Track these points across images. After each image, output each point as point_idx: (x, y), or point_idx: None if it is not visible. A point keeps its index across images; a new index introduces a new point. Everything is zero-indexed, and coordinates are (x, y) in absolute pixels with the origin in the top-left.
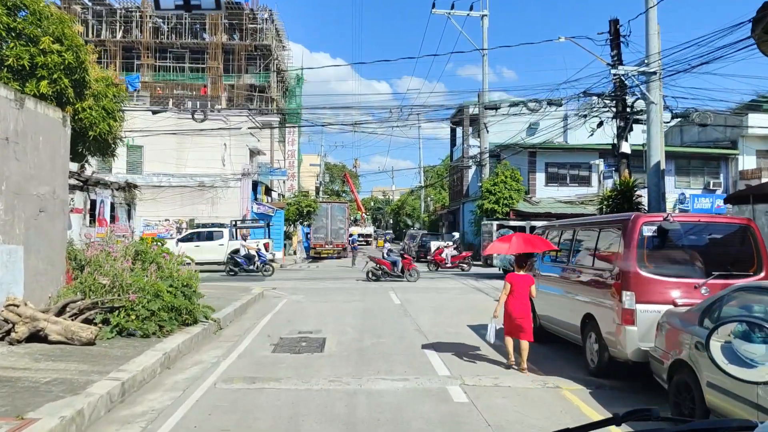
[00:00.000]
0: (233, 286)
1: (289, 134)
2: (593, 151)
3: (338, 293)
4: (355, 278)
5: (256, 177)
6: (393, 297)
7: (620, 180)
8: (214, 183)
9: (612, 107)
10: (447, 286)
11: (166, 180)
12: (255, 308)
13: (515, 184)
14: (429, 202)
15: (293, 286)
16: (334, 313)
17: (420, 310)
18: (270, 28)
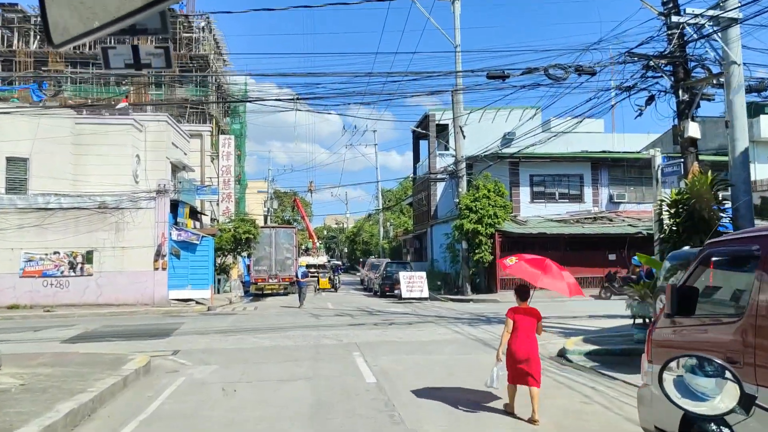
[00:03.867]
0: (101, 353)
1: (224, 146)
2: (584, 161)
3: (274, 358)
4: (302, 326)
5: (176, 195)
6: (361, 366)
7: (691, 178)
8: (120, 203)
9: (666, 73)
10: (435, 338)
11: (56, 201)
12: (116, 406)
13: (500, 199)
14: (389, 227)
15: (207, 347)
16: (258, 416)
17: (415, 402)
18: (208, 37)
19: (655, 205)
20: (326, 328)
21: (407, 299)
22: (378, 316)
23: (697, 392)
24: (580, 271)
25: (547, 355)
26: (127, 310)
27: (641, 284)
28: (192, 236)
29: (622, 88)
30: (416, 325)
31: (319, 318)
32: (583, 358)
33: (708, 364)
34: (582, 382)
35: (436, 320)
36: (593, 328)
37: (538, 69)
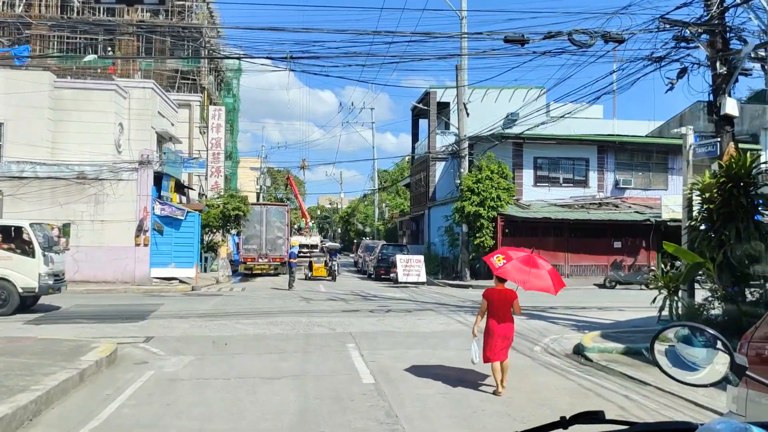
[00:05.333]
0: (61, 339)
1: (215, 118)
2: (591, 145)
3: (259, 350)
4: (292, 311)
5: (161, 167)
6: (356, 362)
7: (727, 159)
8: (100, 174)
9: (703, 43)
10: (437, 329)
11: (30, 169)
12: (66, 408)
13: (504, 181)
14: (384, 209)
15: (184, 333)
16: (229, 430)
17: (422, 414)
18: (201, 6)
19: (686, 189)
20: (318, 314)
21: (403, 283)
22: (374, 301)
23: (689, 362)
24: (584, 259)
25: (562, 352)
26: (105, 288)
27: (669, 275)
28: (176, 211)
29: (653, 58)
30: (415, 313)
31: (311, 302)
32: (605, 357)
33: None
34: (611, 389)
35: (436, 308)
36: (607, 321)
37: (561, 33)
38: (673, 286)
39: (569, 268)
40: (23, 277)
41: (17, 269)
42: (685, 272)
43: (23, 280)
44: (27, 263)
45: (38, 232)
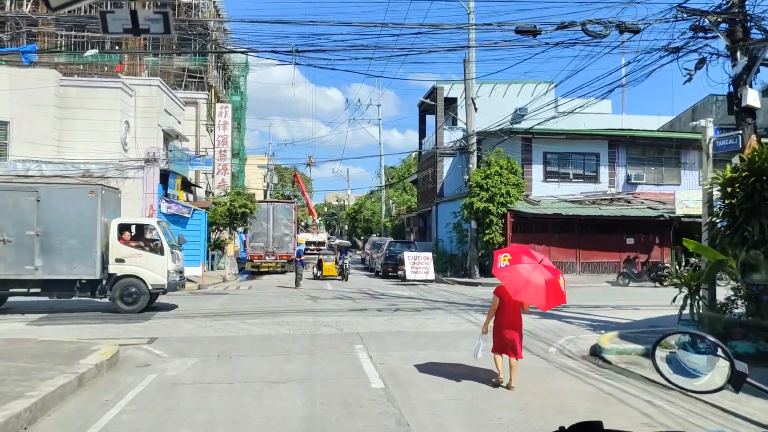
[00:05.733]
0: (61, 341)
1: (221, 115)
2: (601, 139)
3: (264, 351)
4: (298, 310)
5: (167, 165)
6: (365, 364)
7: (749, 152)
8: (106, 172)
9: (722, 32)
10: (447, 329)
11: (36, 168)
12: (63, 415)
13: (513, 177)
14: (391, 205)
15: (189, 334)
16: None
17: (436, 422)
18: (207, 3)
19: (706, 183)
20: (325, 313)
21: (412, 281)
22: (381, 300)
23: (690, 368)
24: (595, 256)
25: (579, 354)
26: None
27: (690, 273)
28: (183, 209)
29: (669, 49)
30: (424, 312)
31: (317, 301)
32: (624, 359)
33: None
34: (633, 393)
35: (446, 306)
36: (623, 321)
37: (575, 24)
38: (694, 284)
39: (580, 265)
40: (153, 274)
41: (147, 266)
42: (707, 270)
43: (153, 277)
44: (156, 260)
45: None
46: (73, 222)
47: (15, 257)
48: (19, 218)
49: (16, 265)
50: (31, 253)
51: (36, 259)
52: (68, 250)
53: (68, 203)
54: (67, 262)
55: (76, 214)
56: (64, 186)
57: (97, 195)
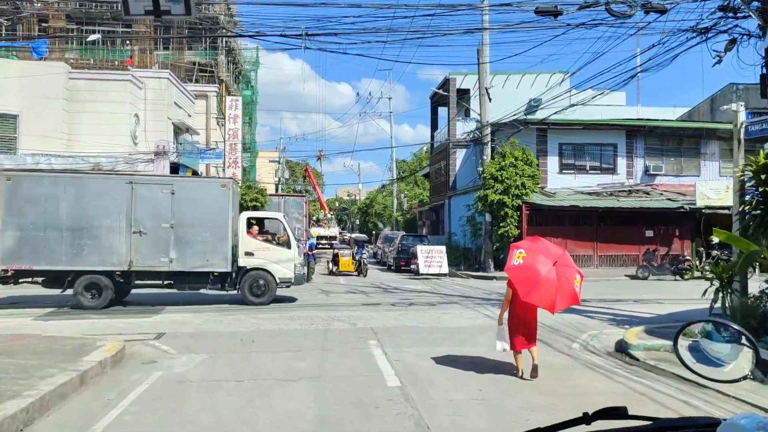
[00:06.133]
0: (66, 337)
1: (231, 108)
2: (619, 130)
3: (274, 347)
4: (310, 304)
5: (177, 158)
6: (380, 361)
7: None
8: (116, 165)
9: (754, 11)
10: (463, 324)
11: (46, 161)
12: (62, 415)
13: (528, 168)
14: (403, 199)
15: (198, 329)
16: None
17: (457, 424)
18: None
19: (737, 171)
20: (337, 307)
21: (425, 275)
22: (395, 294)
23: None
24: (613, 249)
25: (604, 350)
26: None
27: (721, 265)
28: None
29: (698, 29)
30: (439, 307)
31: (329, 295)
32: (652, 356)
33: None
34: (666, 393)
35: (461, 300)
36: (648, 315)
37: (598, 3)
38: (726, 276)
39: (598, 258)
40: (280, 268)
41: (275, 260)
42: (740, 262)
43: (280, 271)
44: (283, 254)
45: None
46: (205, 215)
47: (150, 249)
48: (154, 211)
49: (151, 257)
50: (166, 246)
51: (170, 251)
52: (201, 243)
53: (201, 196)
54: (201, 254)
55: (208, 207)
56: (197, 179)
57: (228, 188)
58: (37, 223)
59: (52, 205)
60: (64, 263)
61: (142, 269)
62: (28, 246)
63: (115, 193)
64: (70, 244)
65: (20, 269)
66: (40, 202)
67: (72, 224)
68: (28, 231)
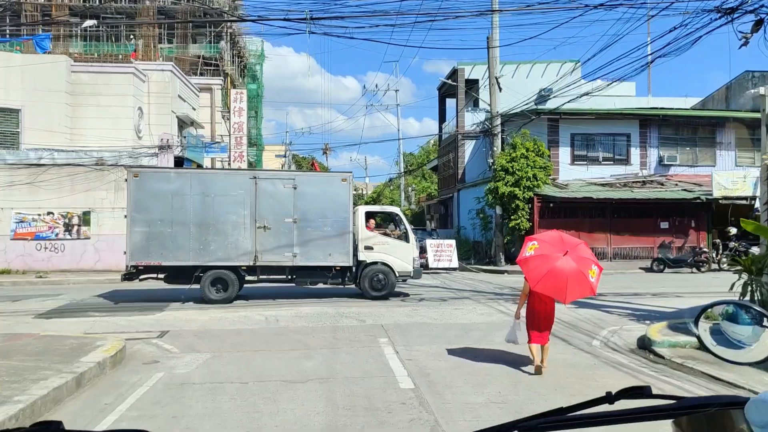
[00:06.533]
0: (65, 336)
1: (236, 101)
2: (632, 119)
3: (281, 345)
4: (318, 300)
5: (181, 152)
6: (391, 361)
7: None
8: (120, 159)
9: None
10: (477, 320)
11: (48, 156)
12: (57, 419)
13: (540, 159)
14: (410, 193)
15: (203, 327)
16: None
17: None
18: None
19: (766, 158)
20: (346, 302)
21: (434, 269)
22: (404, 289)
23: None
24: (628, 241)
25: (626, 347)
26: None
27: (750, 257)
28: None
29: (722, 10)
30: (451, 302)
31: None
32: (678, 353)
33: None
34: (698, 393)
35: (473, 296)
36: (668, 310)
37: None
38: (756, 268)
39: (612, 251)
40: (399, 262)
41: (394, 253)
42: None
43: (400, 265)
44: (402, 247)
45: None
46: (327, 209)
47: (275, 244)
48: (277, 206)
49: (275, 251)
50: (290, 240)
51: (294, 246)
52: (323, 238)
53: (322, 191)
54: (323, 249)
55: (329, 202)
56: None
57: (349, 182)
58: (164, 219)
59: (178, 201)
60: (192, 259)
61: (267, 264)
62: (156, 242)
63: (240, 188)
64: (197, 240)
65: (149, 265)
66: (166, 198)
67: (198, 220)
68: (156, 227)
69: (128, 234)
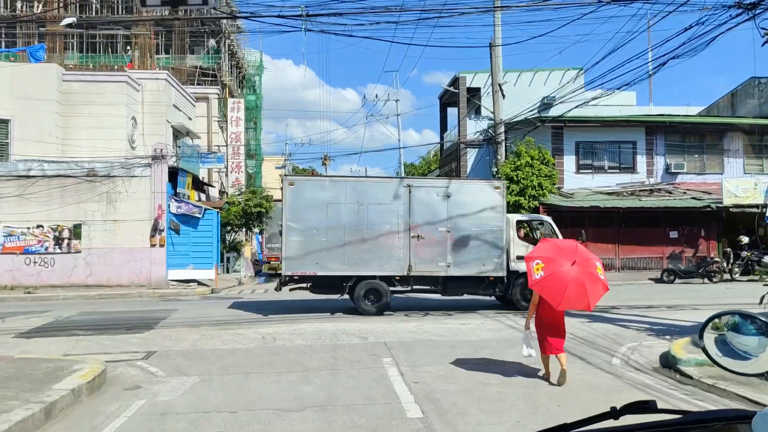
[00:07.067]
0: (40, 359)
1: (233, 111)
2: (638, 126)
3: (276, 367)
4: (316, 315)
5: (176, 162)
6: (396, 384)
7: None
8: (112, 170)
9: None
10: (486, 336)
11: (38, 167)
12: None
13: (545, 168)
14: None
15: (192, 346)
16: None
17: None
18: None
19: None
20: (346, 317)
21: None
22: (407, 302)
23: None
24: (636, 251)
25: (648, 365)
26: (119, 293)
27: None
28: (193, 209)
29: (744, 5)
30: (457, 317)
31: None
32: (707, 373)
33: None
34: None
35: (479, 309)
36: (687, 323)
37: None
38: None
39: (620, 262)
40: None
41: None
42: None
43: None
44: None
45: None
46: (481, 218)
47: (428, 254)
48: (431, 215)
49: (429, 261)
50: (443, 250)
51: (447, 255)
52: (477, 248)
53: (475, 199)
54: (476, 259)
55: (483, 210)
56: (471, 181)
57: (502, 190)
58: (319, 227)
59: (333, 210)
60: (347, 268)
61: (420, 274)
62: (311, 251)
63: (393, 196)
64: (352, 249)
65: (304, 275)
66: (321, 206)
67: (353, 229)
68: (311, 236)
69: (284, 243)
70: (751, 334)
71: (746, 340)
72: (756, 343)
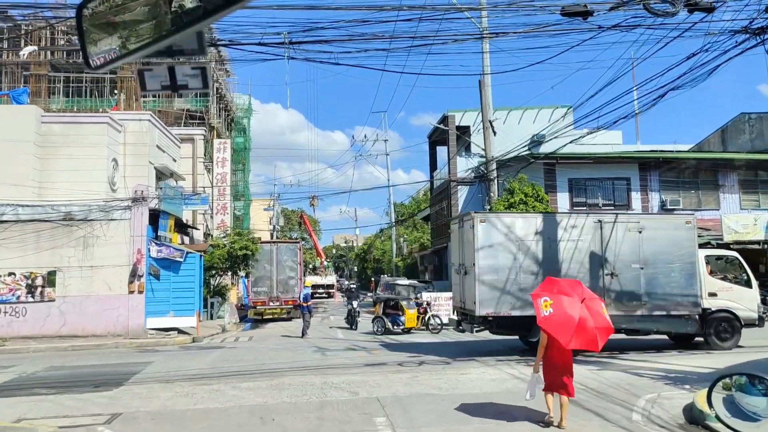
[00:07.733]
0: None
1: (219, 152)
2: (631, 163)
3: (255, 430)
4: (304, 367)
5: (157, 204)
6: None
7: None
8: (89, 214)
9: None
10: (490, 389)
11: (12, 212)
12: None
13: (540, 205)
14: (402, 243)
15: (163, 406)
16: None
17: None
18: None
19: None
20: (335, 370)
21: (432, 325)
22: (400, 349)
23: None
24: None
25: (672, 421)
26: (94, 343)
27: None
28: (174, 252)
29: (751, 30)
30: (455, 365)
31: (327, 354)
32: None
33: (759, 382)
34: None
35: (479, 356)
36: (704, 370)
37: (634, 0)
38: None
39: None
40: (744, 309)
41: (738, 300)
42: None
43: (745, 312)
44: (745, 293)
45: None
46: (674, 254)
47: (621, 291)
48: (623, 251)
49: (622, 299)
50: (637, 288)
51: (642, 294)
52: (670, 285)
53: (667, 234)
54: (670, 297)
55: (675, 246)
56: (662, 216)
57: (693, 225)
58: (511, 266)
59: (524, 247)
60: None
61: (614, 313)
62: (504, 290)
63: (585, 232)
64: None
65: (498, 315)
66: (511, 244)
67: (545, 266)
68: (504, 274)
69: (477, 283)
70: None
71: (755, 401)
72: (764, 405)
